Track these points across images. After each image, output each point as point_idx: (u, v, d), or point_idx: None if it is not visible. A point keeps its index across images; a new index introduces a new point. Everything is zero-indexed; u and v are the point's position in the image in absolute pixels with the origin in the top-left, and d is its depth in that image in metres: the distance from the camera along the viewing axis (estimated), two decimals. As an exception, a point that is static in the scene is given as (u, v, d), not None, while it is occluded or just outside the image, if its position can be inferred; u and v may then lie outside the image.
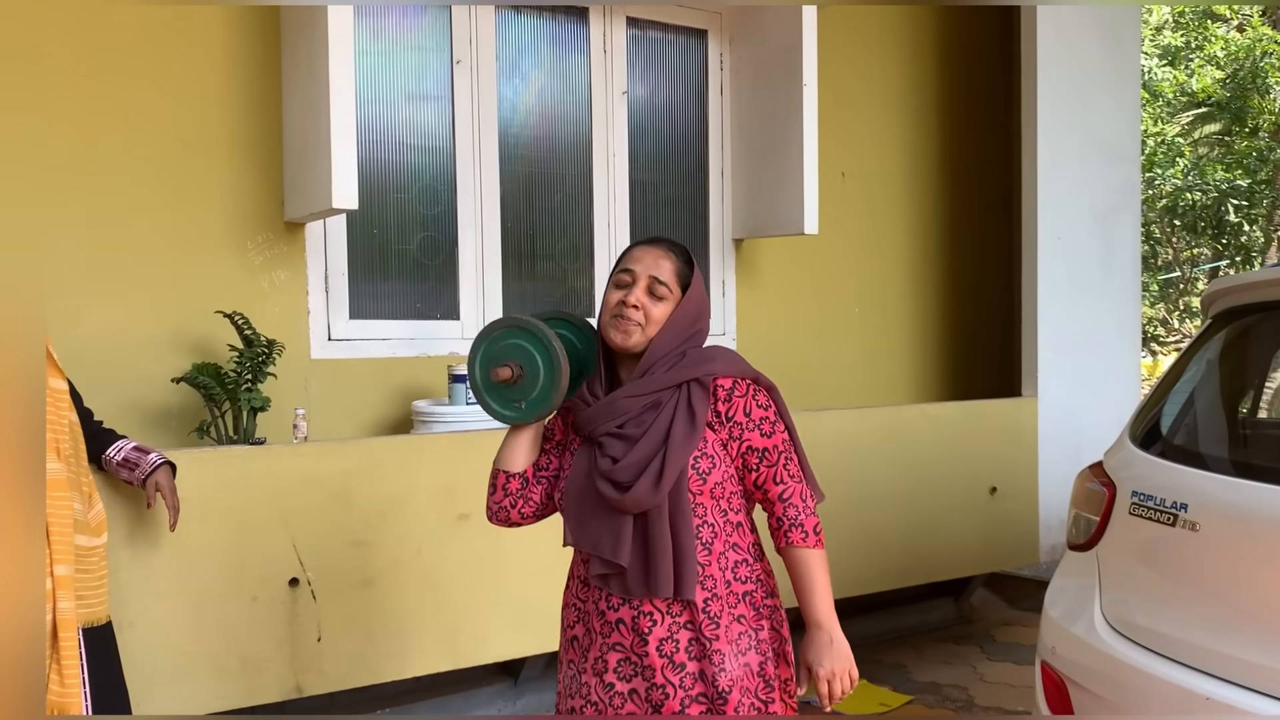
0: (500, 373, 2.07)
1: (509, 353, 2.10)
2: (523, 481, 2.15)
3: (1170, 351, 16.31)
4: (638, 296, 2.05)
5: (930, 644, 4.85)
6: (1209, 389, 2.83)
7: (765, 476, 2.05)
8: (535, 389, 2.08)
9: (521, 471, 2.14)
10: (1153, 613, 2.50)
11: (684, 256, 2.12)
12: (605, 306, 2.09)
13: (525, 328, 2.09)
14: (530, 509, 2.17)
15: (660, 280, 2.06)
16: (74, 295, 3.59)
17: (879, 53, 5.54)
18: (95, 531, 2.52)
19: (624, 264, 2.10)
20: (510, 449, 2.15)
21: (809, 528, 2.03)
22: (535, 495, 2.16)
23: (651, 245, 2.11)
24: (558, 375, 2.05)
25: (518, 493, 2.15)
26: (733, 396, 2.06)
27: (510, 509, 2.16)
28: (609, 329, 2.07)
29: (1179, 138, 15.57)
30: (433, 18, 4.33)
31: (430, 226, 4.37)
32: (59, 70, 3.59)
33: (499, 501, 2.16)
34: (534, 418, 2.11)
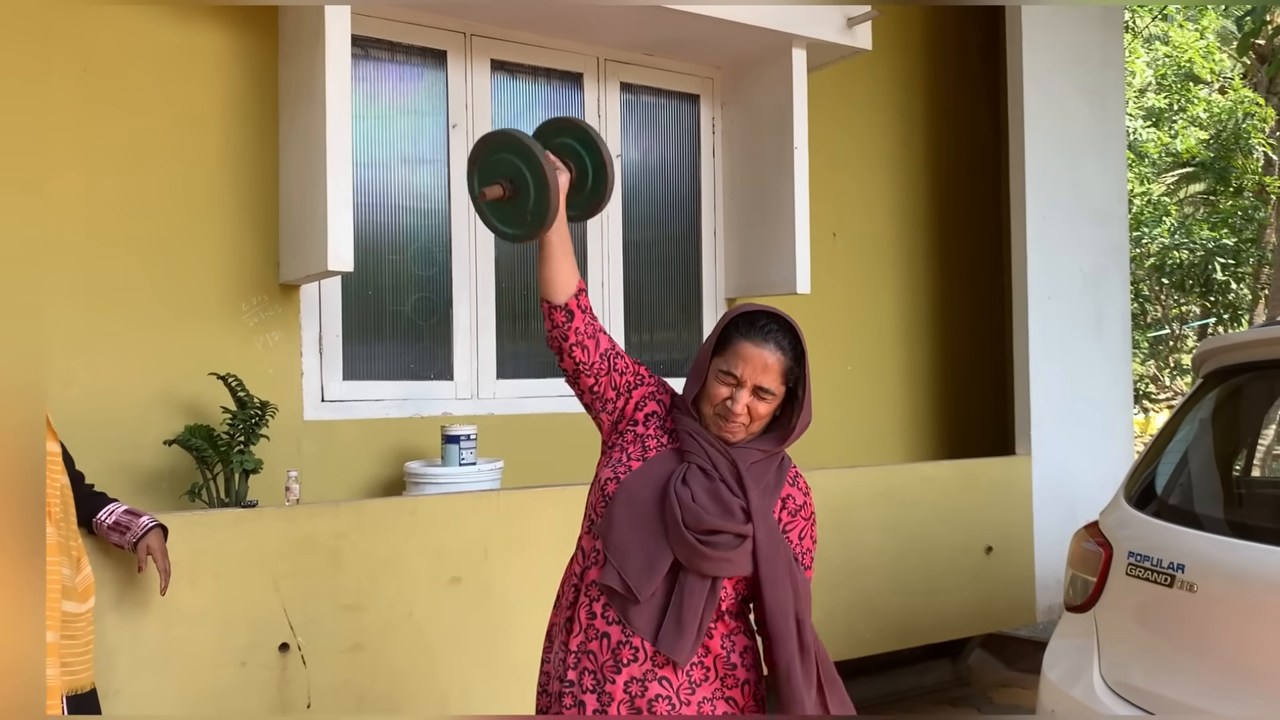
0: (490, 191, 2.05)
1: (499, 168, 2.07)
2: (567, 315, 2.09)
3: (1162, 408, 16.34)
4: (743, 404, 2.03)
5: (927, 706, 4.79)
6: (1202, 448, 2.84)
7: None
8: (530, 203, 2.04)
9: (565, 304, 2.09)
10: (1152, 675, 2.48)
11: (794, 351, 2.06)
12: (707, 396, 2.06)
13: (512, 142, 2.05)
14: (581, 356, 2.11)
15: (765, 389, 2.04)
16: (66, 356, 3.59)
17: (868, 114, 5.63)
18: (82, 597, 2.49)
19: (731, 362, 2.04)
20: (544, 278, 2.10)
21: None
22: (592, 354, 2.11)
23: (760, 345, 2.03)
24: (548, 189, 2.01)
25: (565, 325, 2.09)
26: (798, 516, 2.11)
27: (561, 340, 2.11)
28: (711, 423, 2.06)
29: (1164, 197, 15.76)
30: (429, 82, 4.39)
31: (425, 288, 4.39)
32: (56, 130, 3.62)
33: (549, 331, 2.13)
34: (537, 232, 2.07)
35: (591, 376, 2.12)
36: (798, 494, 2.12)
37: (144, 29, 3.77)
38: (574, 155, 2.17)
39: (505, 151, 2.07)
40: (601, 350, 2.13)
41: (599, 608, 2.03)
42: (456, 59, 4.41)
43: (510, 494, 3.66)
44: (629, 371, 2.16)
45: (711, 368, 2.07)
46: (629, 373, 2.16)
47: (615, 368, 2.14)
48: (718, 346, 2.07)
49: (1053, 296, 5.34)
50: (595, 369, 2.12)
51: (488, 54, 4.47)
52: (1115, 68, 5.69)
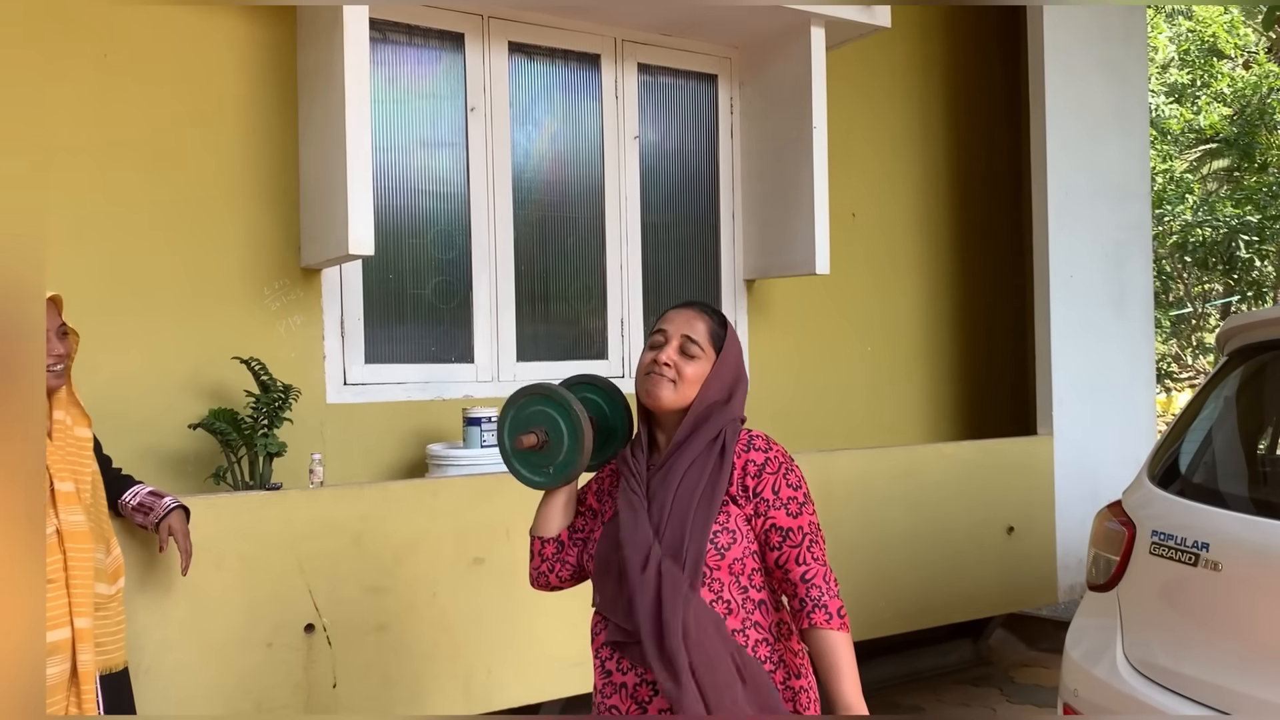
0: (525, 440, 2.12)
1: (534, 419, 2.14)
2: (558, 546, 2.17)
3: (1184, 388, 16.22)
4: (669, 354, 2.05)
5: (949, 686, 4.80)
6: (1227, 426, 2.82)
7: (787, 556, 2.00)
8: (561, 453, 2.12)
9: (556, 536, 2.17)
10: (1176, 654, 2.48)
11: (718, 319, 2.13)
12: (639, 367, 2.10)
13: (548, 394, 2.13)
14: (567, 572, 2.18)
15: (693, 339, 2.06)
16: (93, 342, 3.61)
17: (887, 92, 5.59)
18: (112, 579, 2.53)
19: (657, 325, 2.12)
20: (543, 515, 2.19)
21: (833, 609, 1.97)
22: (571, 559, 2.18)
23: (684, 308, 2.13)
24: (581, 439, 2.09)
25: (554, 557, 2.17)
26: (763, 473, 2.04)
27: (549, 574, 2.18)
28: (641, 388, 2.08)
29: (1187, 174, 15.60)
30: (447, 65, 4.39)
31: (445, 271, 4.40)
32: (77, 119, 3.64)
33: (537, 567, 2.19)
34: (561, 481, 2.15)
35: (578, 562, 2.18)
36: (756, 455, 2.06)
37: (164, 17, 3.78)
38: (596, 410, 2.25)
39: (546, 405, 2.14)
40: (575, 540, 2.19)
41: (612, 664, 2.05)
42: (474, 41, 4.40)
43: (532, 476, 3.68)
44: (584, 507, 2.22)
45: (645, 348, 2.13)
46: (584, 507, 2.22)
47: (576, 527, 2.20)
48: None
49: (1074, 275, 5.30)
50: (576, 554, 2.18)
51: (505, 36, 4.47)
52: (1137, 42, 5.63)
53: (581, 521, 2.20)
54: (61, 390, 2.49)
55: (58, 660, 2.33)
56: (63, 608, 2.34)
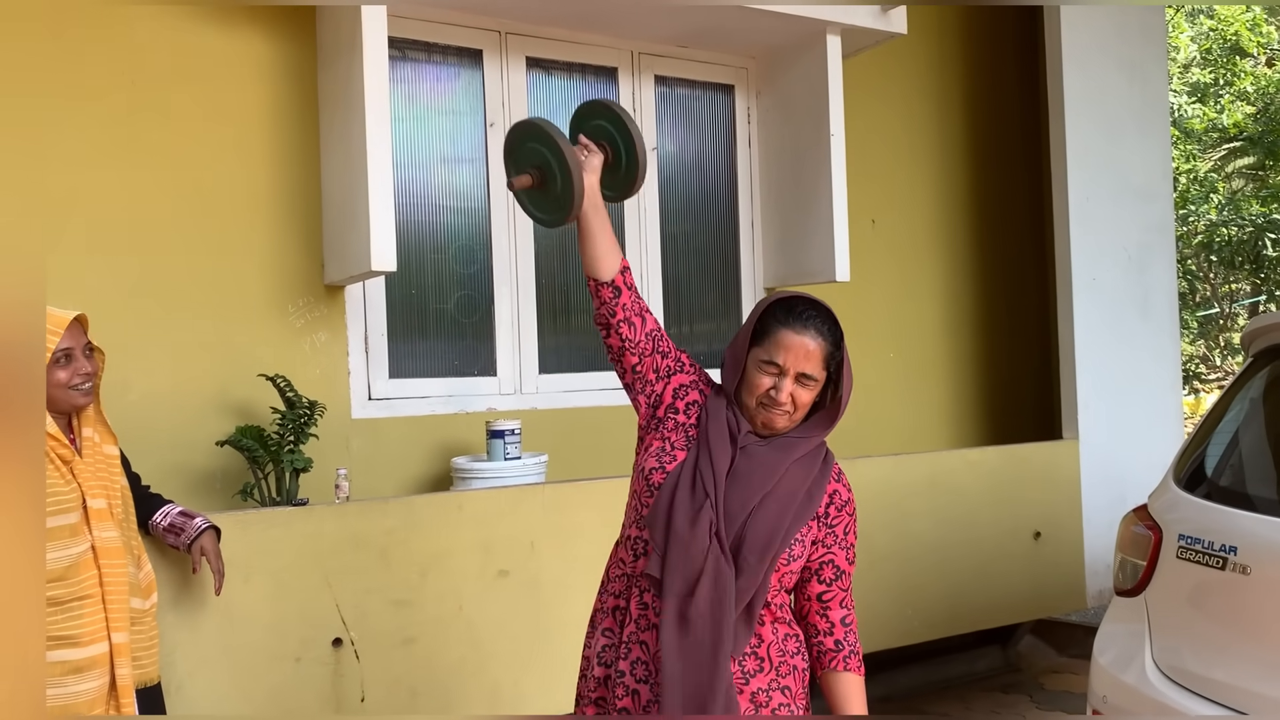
0: (520, 181, 2.14)
1: (529, 157, 2.15)
2: (614, 291, 2.10)
3: (1212, 389, 16.06)
4: (787, 393, 2.03)
5: (978, 694, 4.77)
6: (1253, 428, 2.80)
7: (834, 596, 2.08)
8: (557, 187, 2.12)
9: (610, 280, 2.10)
10: (1205, 659, 2.46)
11: (833, 336, 2.07)
12: (748, 385, 2.06)
13: (536, 132, 2.13)
14: (628, 333, 2.12)
15: (808, 376, 2.03)
16: (122, 362, 3.66)
17: (905, 98, 5.58)
18: (145, 594, 2.56)
19: (770, 351, 2.03)
20: (583, 251, 2.12)
21: (860, 656, 2.08)
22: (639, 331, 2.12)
23: (800, 332, 2.03)
24: (569, 172, 2.07)
25: (612, 301, 2.11)
26: (843, 511, 2.10)
27: (609, 315, 2.12)
28: (754, 414, 2.06)
29: (1212, 173, 15.47)
30: (466, 81, 4.43)
31: (467, 285, 4.43)
32: (104, 142, 3.70)
33: (597, 309, 2.15)
34: (566, 216, 2.13)
35: (635, 355, 2.13)
36: (843, 490, 2.11)
37: (187, 39, 3.84)
38: (608, 137, 2.23)
39: (532, 140, 2.14)
40: (647, 330, 2.13)
41: (650, 598, 2.04)
42: (492, 58, 4.44)
43: (555, 487, 3.70)
44: (670, 356, 2.16)
45: (751, 357, 2.06)
46: (670, 357, 2.16)
47: (659, 349, 2.15)
48: (756, 336, 2.06)
49: (1097, 278, 5.27)
50: (640, 348, 2.13)
51: (523, 51, 4.50)
52: (1157, 42, 5.60)
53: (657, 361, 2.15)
54: (90, 408, 2.52)
55: (96, 675, 2.36)
56: (99, 623, 2.37)
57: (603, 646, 2.13)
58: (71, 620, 2.33)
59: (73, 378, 2.43)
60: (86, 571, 2.37)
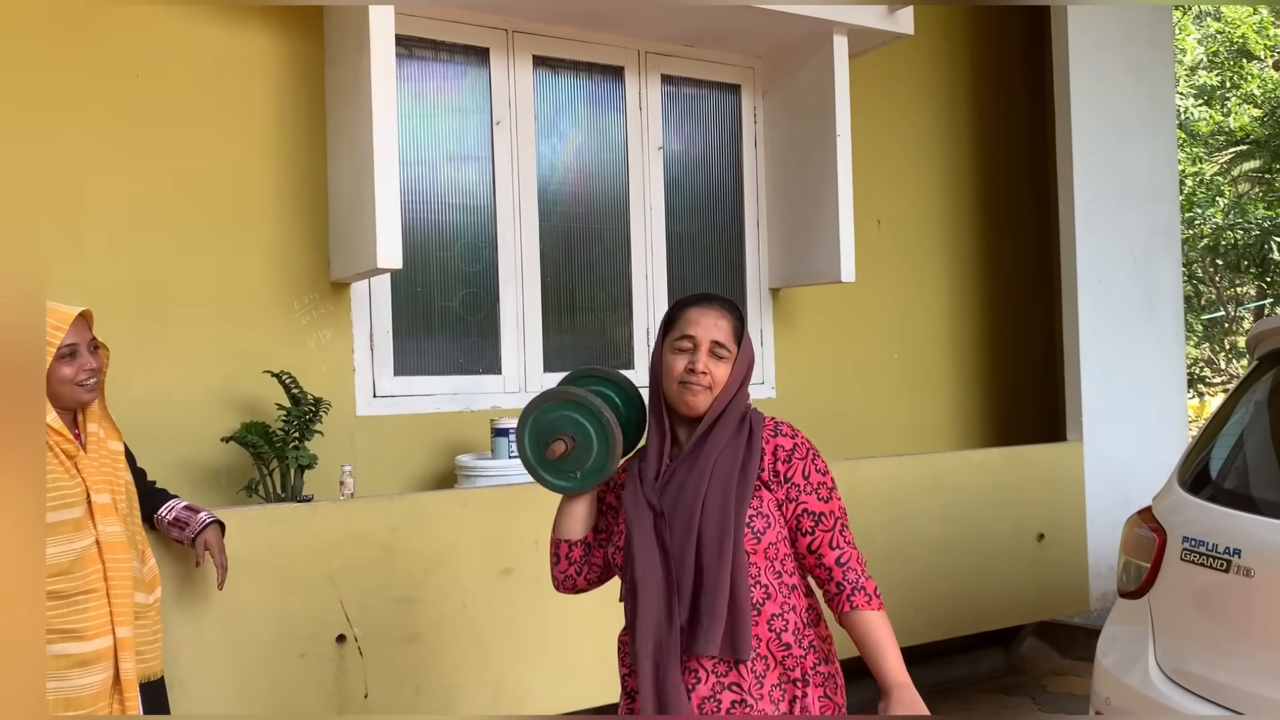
0: (555, 448, 2.08)
1: (560, 425, 2.10)
2: (584, 548, 2.17)
3: (1217, 392, 16.04)
4: (704, 363, 2.06)
5: (980, 695, 4.77)
6: (1258, 431, 2.80)
7: (821, 541, 2.04)
8: (590, 459, 2.09)
9: (582, 538, 2.16)
10: (1209, 661, 2.46)
11: (736, 312, 2.15)
12: (668, 372, 2.09)
13: (573, 400, 2.10)
14: (595, 574, 2.19)
15: (720, 343, 2.08)
16: (127, 358, 3.67)
17: (911, 99, 5.58)
18: (149, 588, 2.57)
19: (681, 328, 2.10)
20: (568, 518, 2.17)
21: (870, 590, 2.02)
22: (597, 560, 2.18)
23: (706, 307, 2.11)
24: (613, 444, 2.07)
25: (581, 559, 2.17)
26: (792, 458, 2.07)
27: (575, 577, 2.18)
28: (678, 396, 2.08)
29: (1218, 176, 15.45)
30: (472, 80, 4.43)
31: (472, 283, 4.43)
32: (110, 138, 3.71)
33: (564, 571, 2.18)
34: (590, 486, 2.13)
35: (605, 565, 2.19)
36: (784, 440, 2.09)
37: (193, 35, 3.84)
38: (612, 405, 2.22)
39: (564, 409, 2.11)
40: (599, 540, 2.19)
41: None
42: (499, 56, 4.44)
43: (559, 486, 3.70)
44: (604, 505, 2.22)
45: (666, 348, 2.11)
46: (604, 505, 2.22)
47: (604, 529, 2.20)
48: (666, 329, 2.13)
49: (1103, 280, 5.27)
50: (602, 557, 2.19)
51: (529, 50, 4.50)
52: (1164, 44, 5.59)
53: (604, 521, 2.20)
54: (95, 404, 2.53)
55: (100, 669, 2.37)
56: (104, 617, 2.38)
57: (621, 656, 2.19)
58: (76, 614, 2.34)
59: (78, 373, 2.44)
60: (91, 566, 2.37)
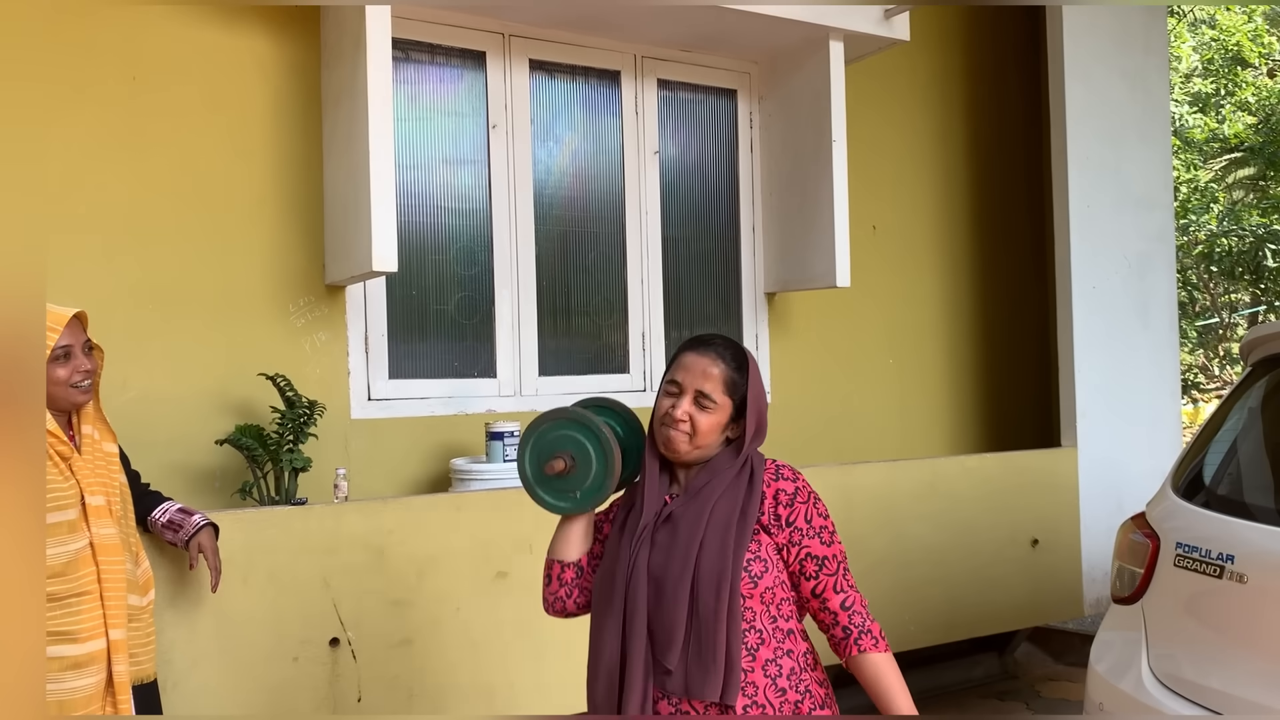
0: (554, 465, 2.07)
1: (561, 444, 2.10)
2: (577, 571, 2.16)
3: (1211, 399, 16.07)
4: (684, 409, 2.04)
5: (975, 701, 4.77)
6: (1252, 437, 2.80)
7: (825, 585, 2.02)
8: (589, 479, 2.08)
9: (576, 561, 2.15)
10: (1202, 667, 2.46)
11: (735, 361, 2.08)
12: (655, 412, 2.08)
13: (574, 419, 2.10)
14: (584, 599, 2.17)
15: (705, 394, 2.04)
16: (122, 360, 3.67)
17: (907, 105, 5.60)
18: (142, 590, 2.57)
19: (673, 371, 2.07)
20: (564, 539, 2.16)
21: (876, 633, 2.02)
22: (589, 585, 2.16)
23: (701, 353, 2.07)
24: (612, 464, 2.06)
25: (573, 582, 2.16)
26: (794, 502, 2.05)
27: (565, 599, 2.17)
28: (659, 436, 2.07)
29: (1212, 183, 15.49)
30: (469, 83, 4.44)
31: (468, 287, 4.43)
32: (106, 140, 3.71)
33: (554, 592, 2.17)
34: (589, 507, 2.12)
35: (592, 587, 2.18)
36: (786, 485, 2.07)
37: (190, 37, 3.84)
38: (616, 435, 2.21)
39: (567, 428, 2.11)
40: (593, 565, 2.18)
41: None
42: (495, 59, 4.45)
43: (554, 490, 3.70)
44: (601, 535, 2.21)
45: (661, 387, 2.11)
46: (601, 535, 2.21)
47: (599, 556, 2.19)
48: (666, 368, 2.11)
49: (1097, 286, 5.28)
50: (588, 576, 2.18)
51: (526, 54, 4.51)
52: (1158, 52, 5.61)
53: (599, 548, 2.19)
54: (89, 405, 2.53)
55: (93, 671, 2.36)
56: (97, 619, 2.38)
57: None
58: (69, 616, 2.33)
59: (72, 375, 2.44)
60: (85, 568, 2.37)
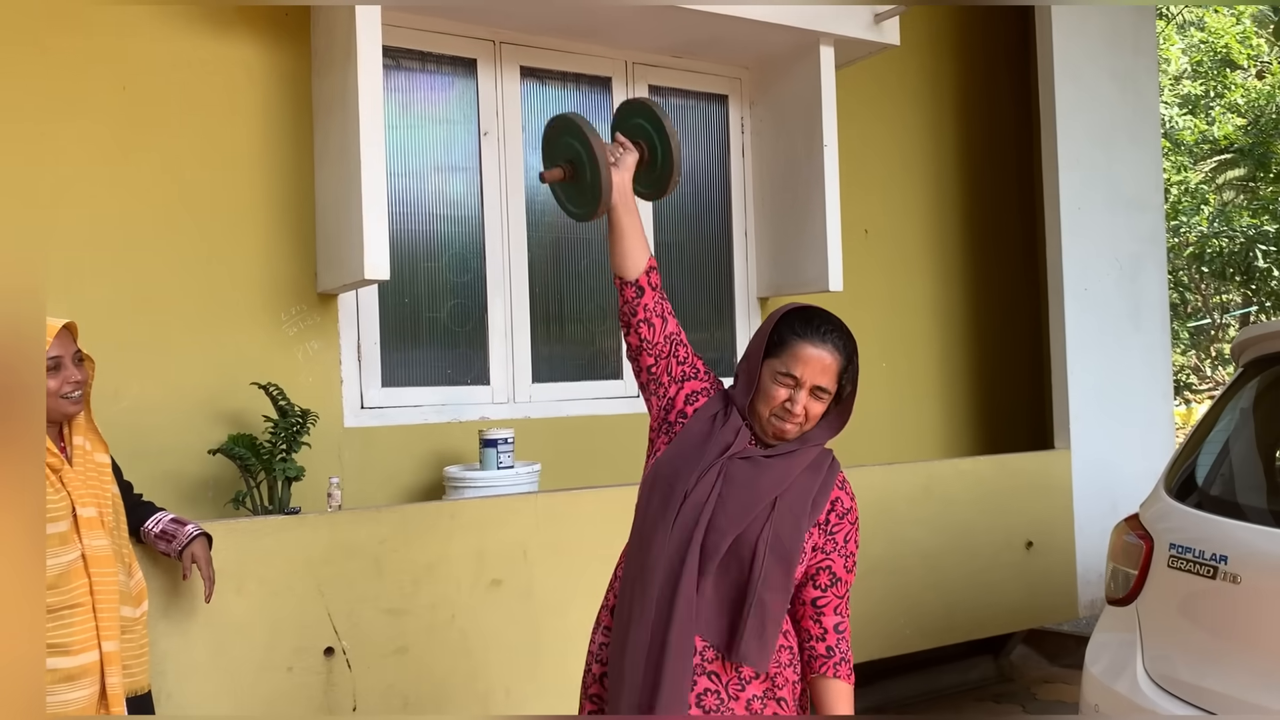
0: (551, 174, 2.22)
1: (561, 151, 2.22)
2: (637, 290, 2.13)
3: (1203, 399, 16.11)
4: (803, 404, 2.06)
5: (971, 703, 4.77)
6: (1244, 438, 2.81)
7: (829, 603, 2.07)
8: (587, 181, 2.18)
9: (635, 280, 2.13)
10: (1197, 668, 2.46)
11: (847, 351, 2.11)
12: (764, 395, 2.07)
13: (569, 126, 2.20)
14: (647, 333, 2.14)
15: (823, 389, 2.07)
16: (114, 370, 3.66)
17: (898, 109, 5.61)
18: (135, 601, 2.56)
19: (789, 364, 2.06)
20: (615, 251, 2.16)
21: (851, 664, 2.08)
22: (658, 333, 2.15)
23: (820, 346, 2.07)
24: (597, 168, 2.13)
25: (635, 300, 2.14)
26: (845, 519, 2.11)
27: (630, 315, 2.15)
28: (766, 421, 2.08)
29: (1203, 185, 15.55)
30: (460, 90, 4.44)
31: (460, 294, 4.43)
32: (96, 150, 3.70)
33: (620, 307, 2.17)
34: (595, 210, 2.17)
35: (652, 356, 2.15)
36: (845, 498, 2.13)
37: (179, 46, 3.84)
38: (645, 135, 2.27)
39: (566, 135, 2.21)
40: (667, 332, 2.16)
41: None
42: (486, 67, 4.45)
43: (549, 496, 3.70)
44: (687, 362, 2.18)
45: (766, 368, 2.08)
46: (687, 363, 2.18)
47: (676, 354, 2.17)
48: (771, 347, 2.08)
49: (1089, 288, 5.29)
50: (657, 349, 2.15)
51: (517, 61, 4.51)
52: (1148, 53, 5.63)
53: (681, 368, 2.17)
54: (80, 416, 2.52)
55: (87, 683, 2.35)
56: (90, 631, 2.37)
57: (600, 644, 2.18)
58: (62, 628, 2.32)
59: (62, 386, 2.43)
60: (77, 580, 2.36)
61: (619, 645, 2.05)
